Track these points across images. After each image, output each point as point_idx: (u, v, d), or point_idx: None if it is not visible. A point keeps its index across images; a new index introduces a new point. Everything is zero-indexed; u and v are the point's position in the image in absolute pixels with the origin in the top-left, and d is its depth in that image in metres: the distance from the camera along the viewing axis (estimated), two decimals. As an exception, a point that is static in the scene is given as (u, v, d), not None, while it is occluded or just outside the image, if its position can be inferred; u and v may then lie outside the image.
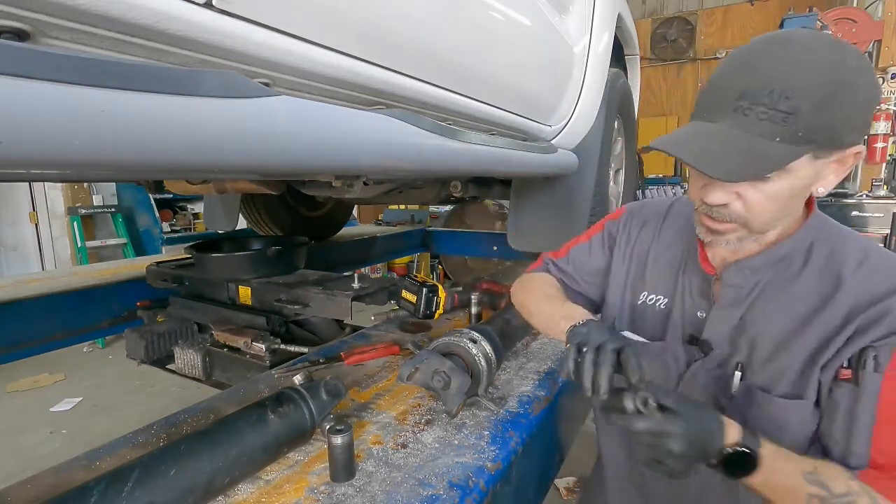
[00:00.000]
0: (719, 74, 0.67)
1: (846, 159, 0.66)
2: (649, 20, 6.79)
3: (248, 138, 0.57)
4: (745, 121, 0.62)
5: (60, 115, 0.38)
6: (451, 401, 0.89)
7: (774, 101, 0.60)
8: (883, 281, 0.67)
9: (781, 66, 0.61)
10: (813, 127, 0.60)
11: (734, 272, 0.77)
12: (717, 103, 0.65)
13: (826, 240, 0.74)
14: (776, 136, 0.60)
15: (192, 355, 1.56)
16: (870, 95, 0.63)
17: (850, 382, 0.66)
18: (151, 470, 0.62)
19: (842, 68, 0.60)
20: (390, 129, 0.82)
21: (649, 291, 0.89)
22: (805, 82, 0.59)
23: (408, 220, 5.85)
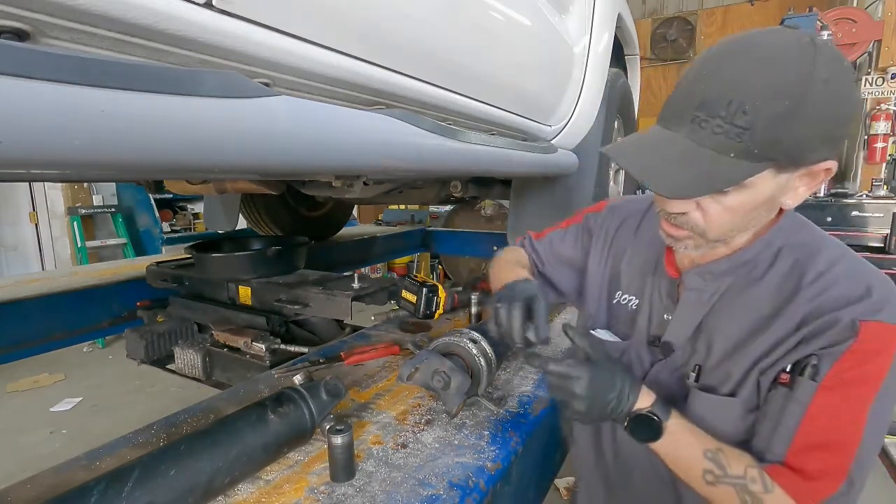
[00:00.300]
0: (684, 79, 0.64)
1: (816, 173, 0.63)
2: (649, 20, 6.79)
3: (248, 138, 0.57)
4: (701, 133, 0.59)
5: (60, 115, 0.38)
6: (451, 401, 0.89)
7: (731, 115, 0.57)
8: (839, 291, 0.65)
9: (742, 75, 0.58)
10: (770, 144, 0.57)
11: (694, 276, 0.77)
12: (677, 111, 0.63)
13: (796, 247, 0.71)
14: (730, 151, 0.58)
15: (192, 355, 1.56)
16: (840, 111, 0.58)
17: (786, 386, 0.67)
18: (151, 470, 0.62)
19: (808, 81, 0.55)
20: (390, 129, 0.82)
21: (623, 291, 0.90)
22: (764, 96, 0.56)
23: (408, 220, 5.84)
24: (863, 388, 0.63)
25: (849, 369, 0.63)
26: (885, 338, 0.62)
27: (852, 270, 0.68)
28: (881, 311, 0.63)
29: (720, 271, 0.74)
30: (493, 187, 1.94)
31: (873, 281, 0.65)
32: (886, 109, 4.34)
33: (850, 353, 0.63)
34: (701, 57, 0.63)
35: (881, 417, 0.64)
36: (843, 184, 4.79)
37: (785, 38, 0.59)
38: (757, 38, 0.60)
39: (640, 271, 0.88)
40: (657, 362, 0.82)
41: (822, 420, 0.64)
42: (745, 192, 0.62)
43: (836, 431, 0.63)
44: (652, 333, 0.84)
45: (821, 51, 0.57)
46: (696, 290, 0.77)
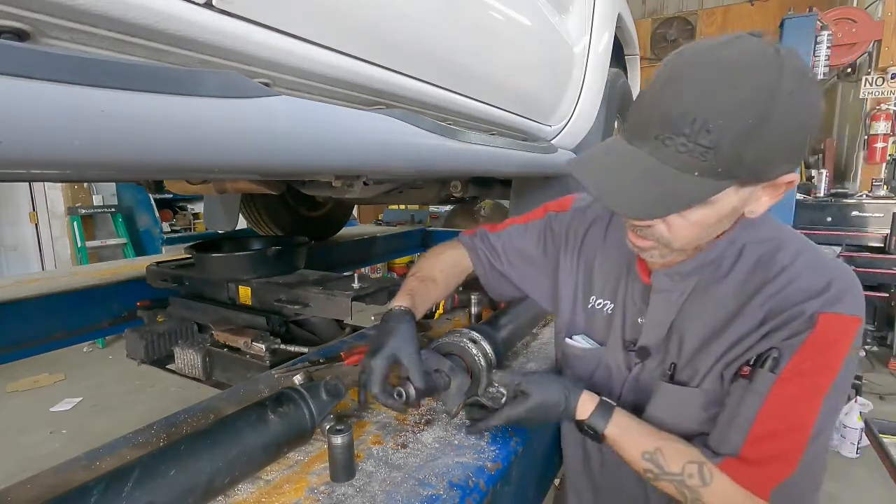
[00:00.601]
0: (648, 90, 0.63)
1: (778, 185, 0.63)
2: (649, 20, 6.79)
3: (248, 138, 0.57)
4: (664, 151, 0.58)
5: (60, 115, 0.38)
6: (451, 401, 0.89)
7: (695, 134, 0.56)
8: (801, 285, 0.67)
9: (706, 92, 0.56)
10: (733, 163, 0.57)
11: (663, 278, 0.77)
12: (641, 125, 0.62)
13: (759, 243, 0.72)
14: (694, 170, 0.57)
15: (192, 355, 1.56)
16: (804, 122, 0.58)
17: (746, 379, 0.69)
18: (151, 470, 0.62)
19: (772, 95, 0.54)
20: (390, 129, 0.82)
21: (597, 296, 0.90)
22: (728, 114, 0.55)
23: (408, 220, 5.85)
24: (819, 377, 0.65)
25: (806, 360, 0.64)
26: (842, 328, 0.64)
27: (813, 264, 0.69)
28: (839, 303, 0.64)
29: (687, 271, 0.75)
30: (493, 187, 1.94)
31: (834, 273, 0.67)
32: (886, 109, 4.34)
33: (808, 345, 0.64)
34: (665, 68, 0.61)
35: (835, 405, 0.66)
36: (843, 184, 4.80)
37: (749, 48, 0.57)
38: (721, 51, 0.58)
39: (613, 275, 0.88)
40: (635, 366, 0.83)
41: (778, 410, 0.66)
42: (708, 207, 0.62)
43: (790, 420, 0.65)
44: (627, 338, 0.85)
45: (786, 61, 0.56)
46: (665, 292, 0.78)
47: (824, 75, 3.91)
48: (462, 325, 1.42)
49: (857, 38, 4.31)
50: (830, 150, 4.95)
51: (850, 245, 3.92)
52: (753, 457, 0.67)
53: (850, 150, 4.88)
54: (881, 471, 2.10)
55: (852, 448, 2.69)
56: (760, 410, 0.66)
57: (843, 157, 5.01)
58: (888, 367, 3.77)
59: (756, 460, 0.66)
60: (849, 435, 2.69)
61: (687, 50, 0.61)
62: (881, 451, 1.64)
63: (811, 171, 4.63)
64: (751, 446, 0.67)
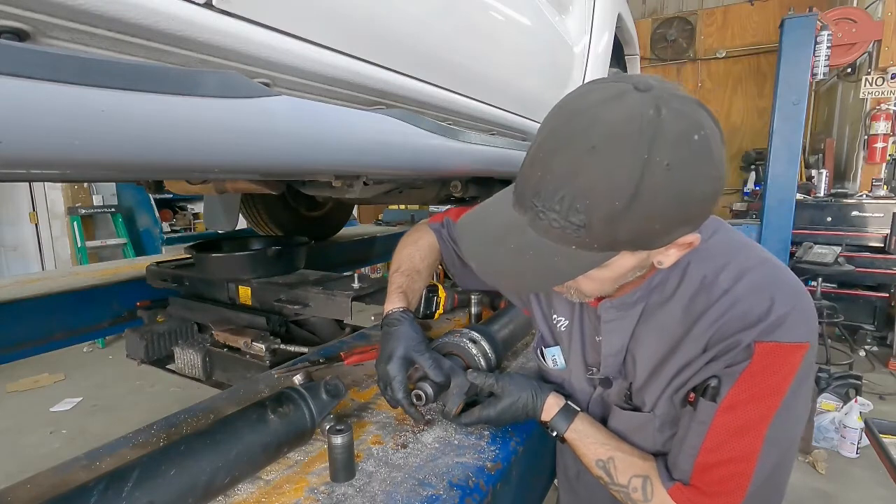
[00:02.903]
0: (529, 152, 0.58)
1: (681, 244, 0.60)
2: (649, 20, 6.79)
3: (248, 138, 0.57)
4: (540, 224, 0.56)
5: (60, 115, 0.38)
6: (451, 401, 0.89)
7: (565, 211, 0.53)
8: (740, 311, 0.64)
9: (573, 168, 0.52)
10: (608, 240, 0.54)
11: (609, 309, 0.76)
12: (521, 191, 0.59)
13: (704, 259, 0.68)
14: (571, 244, 0.55)
15: (192, 355, 1.56)
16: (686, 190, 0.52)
17: (692, 405, 0.69)
18: (151, 470, 0.62)
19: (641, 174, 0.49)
20: (390, 129, 0.82)
21: (555, 312, 0.91)
22: (595, 195, 0.51)
23: (408, 220, 5.83)
24: (759, 407, 0.64)
25: (745, 390, 0.63)
26: (780, 357, 0.62)
27: (757, 285, 0.65)
28: (777, 330, 0.62)
29: (632, 301, 0.74)
30: (493, 187, 1.94)
31: (777, 295, 0.63)
32: (886, 109, 4.34)
33: (746, 375, 0.63)
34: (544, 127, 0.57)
35: (781, 434, 0.65)
36: (843, 184, 4.79)
37: (626, 113, 0.51)
38: (596, 114, 0.52)
39: None
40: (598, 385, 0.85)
41: (722, 440, 0.65)
42: (604, 269, 0.60)
43: (735, 449, 0.65)
44: (589, 362, 0.85)
45: (666, 127, 0.50)
46: (614, 321, 0.77)
47: (824, 75, 3.90)
48: (462, 325, 1.42)
49: (857, 38, 4.31)
50: (830, 150, 4.94)
51: (850, 245, 3.92)
52: (702, 486, 0.67)
53: (850, 150, 4.88)
54: (881, 471, 2.10)
55: (852, 448, 2.69)
56: (705, 440, 0.66)
57: (843, 157, 5.01)
58: (888, 367, 3.77)
59: (705, 490, 0.67)
60: (849, 435, 2.69)
61: (563, 110, 0.56)
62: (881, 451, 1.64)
63: (811, 171, 4.63)
64: (699, 475, 0.68)
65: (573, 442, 0.81)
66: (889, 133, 4.35)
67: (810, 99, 5.08)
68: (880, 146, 4.37)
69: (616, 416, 0.81)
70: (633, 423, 0.78)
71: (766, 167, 3.22)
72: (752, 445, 0.64)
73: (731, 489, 0.66)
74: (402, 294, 0.96)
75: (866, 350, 3.99)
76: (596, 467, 0.77)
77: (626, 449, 0.77)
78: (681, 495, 0.69)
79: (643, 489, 0.71)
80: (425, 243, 1.06)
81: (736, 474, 0.66)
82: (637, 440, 0.78)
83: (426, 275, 1.04)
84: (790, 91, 3.05)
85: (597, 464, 0.77)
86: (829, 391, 3.00)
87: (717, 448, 0.66)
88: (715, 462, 0.66)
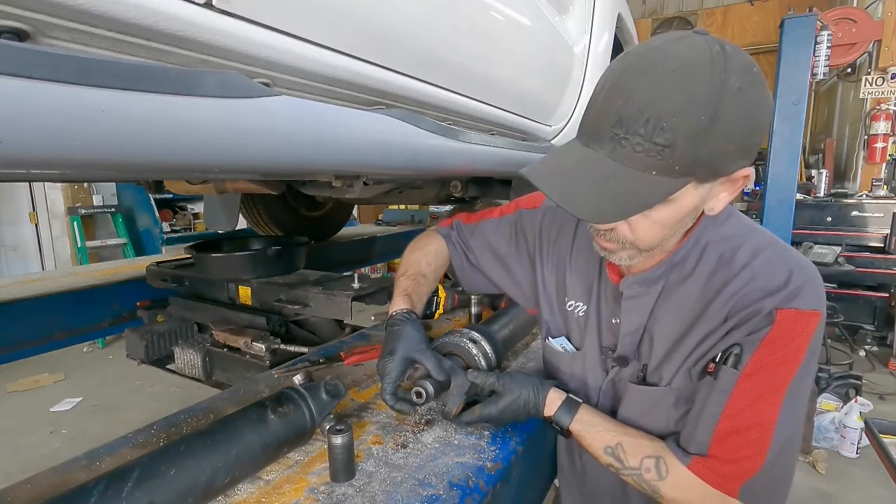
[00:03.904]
0: (598, 93, 0.62)
1: (736, 180, 0.64)
2: (649, 20, 6.79)
3: (248, 138, 0.57)
4: (622, 152, 0.58)
5: (60, 115, 0.38)
6: (451, 401, 0.89)
7: (650, 133, 0.55)
8: (761, 282, 0.67)
9: (657, 90, 0.56)
10: (690, 160, 0.57)
11: (632, 285, 0.78)
12: (595, 128, 0.61)
13: (721, 241, 0.72)
14: (652, 169, 0.57)
15: (192, 355, 1.56)
16: (754, 119, 0.58)
17: (711, 375, 0.70)
18: (151, 470, 0.62)
19: (722, 92, 0.54)
20: (390, 129, 0.82)
21: (570, 298, 0.91)
22: (680, 112, 0.55)
23: (408, 220, 5.84)
24: (780, 372, 0.66)
25: (767, 356, 0.65)
26: (800, 323, 0.65)
27: (773, 261, 0.69)
28: (796, 298, 0.65)
29: (655, 276, 0.76)
30: (493, 187, 1.94)
31: (793, 268, 0.67)
32: (886, 109, 4.34)
33: (768, 341, 0.65)
34: (613, 70, 0.61)
35: (797, 400, 0.67)
36: (843, 184, 4.80)
37: (695, 46, 0.56)
38: (668, 49, 0.58)
39: (585, 277, 0.89)
40: (611, 369, 0.84)
41: (742, 406, 0.66)
42: (669, 206, 0.62)
43: (754, 416, 0.66)
44: (604, 343, 0.85)
45: (732, 59, 0.55)
46: (635, 298, 0.78)
47: (824, 75, 3.90)
48: (462, 325, 1.42)
49: (857, 38, 4.31)
50: (830, 150, 4.94)
51: (850, 245, 3.92)
52: (721, 455, 0.68)
53: (850, 150, 4.88)
54: (881, 471, 2.10)
55: (852, 448, 2.68)
56: (725, 407, 0.67)
57: (843, 157, 5.01)
58: (888, 367, 3.77)
59: (724, 458, 0.67)
60: (849, 435, 2.68)
61: (633, 52, 0.60)
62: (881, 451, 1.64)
63: (811, 171, 4.63)
64: (718, 444, 0.68)
65: (578, 433, 0.80)
66: (889, 133, 4.36)
67: (810, 99, 5.08)
68: (880, 146, 4.37)
69: (631, 393, 0.80)
70: (647, 399, 0.77)
71: (766, 167, 3.22)
72: (771, 412, 0.66)
73: (750, 454, 0.66)
74: (406, 297, 0.96)
75: (866, 350, 3.99)
76: (605, 455, 0.76)
77: (633, 433, 0.77)
78: (701, 467, 0.68)
79: (656, 469, 0.71)
80: (433, 249, 1.07)
81: (755, 440, 0.66)
82: (648, 421, 0.78)
83: (432, 279, 1.04)
84: (790, 91, 3.05)
85: (605, 451, 0.76)
86: (829, 391, 3.00)
87: (737, 415, 0.66)
88: (734, 429, 0.67)
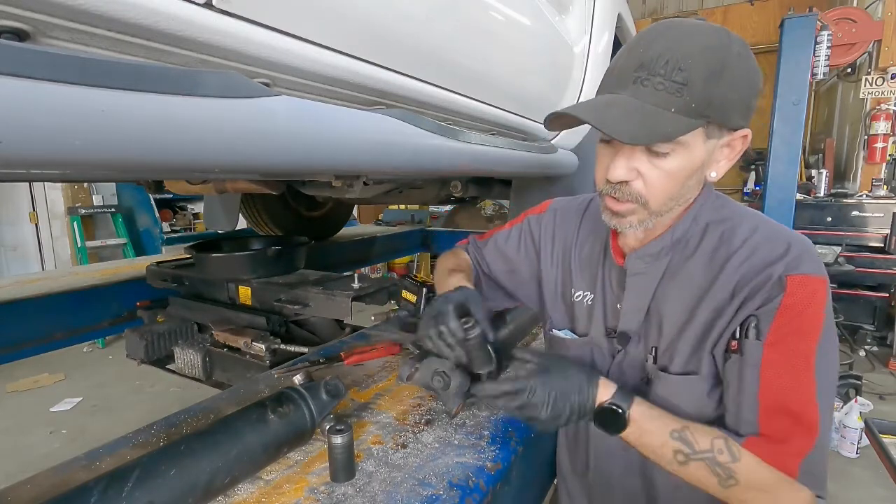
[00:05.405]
0: (620, 55, 0.70)
1: (735, 143, 0.70)
2: (649, 20, 6.79)
3: (248, 138, 0.57)
4: (644, 91, 0.64)
5: (60, 115, 0.38)
6: (451, 401, 0.89)
7: (669, 72, 0.62)
8: (763, 253, 0.70)
9: (675, 40, 0.64)
10: (705, 99, 0.63)
11: (635, 261, 0.79)
12: (618, 77, 0.67)
13: (720, 221, 0.76)
14: (671, 106, 0.63)
15: (192, 355, 1.56)
16: (752, 81, 0.66)
17: (737, 353, 0.70)
18: (151, 470, 0.62)
19: (726, 51, 0.64)
20: (390, 129, 0.82)
21: (576, 288, 0.91)
22: (696, 56, 0.62)
23: (408, 220, 5.84)
24: (803, 338, 0.66)
25: (786, 323, 0.66)
26: (811, 287, 0.67)
27: (771, 233, 0.73)
28: (801, 265, 0.68)
29: (657, 251, 0.78)
30: (493, 187, 1.94)
31: (791, 239, 0.71)
32: (886, 109, 4.34)
33: (784, 308, 0.67)
34: (633, 38, 0.70)
35: (828, 368, 0.67)
36: (843, 184, 4.79)
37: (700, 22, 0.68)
38: (682, 20, 0.68)
39: (590, 265, 0.90)
40: (617, 353, 0.84)
41: (776, 375, 0.67)
42: (681, 154, 0.67)
43: (794, 386, 0.66)
44: (608, 325, 0.85)
45: (730, 33, 0.66)
46: (639, 275, 0.80)
47: (824, 75, 3.90)
48: (462, 325, 1.42)
49: (857, 38, 4.31)
50: (830, 150, 4.94)
51: (850, 245, 3.92)
52: (773, 433, 0.67)
53: (850, 150, 4.88)
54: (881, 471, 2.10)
55: (852, 448, 2.68)
56: (760, 382, 0.67)
57: (843, 157, 5.00)
58: (888, 367, 3.77)
59: (777, 437, 0.66)
60: (849, 435, 2.68)
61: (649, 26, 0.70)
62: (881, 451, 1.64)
63: (811, 171, 4.63)
64: (766, 420, 0.67)
65: (639, 419, 0.72)
66: (889, 133, 4.35)
67: (810, 99, 5.08)
68: (880, 146, 4.36)
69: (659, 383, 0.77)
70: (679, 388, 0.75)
71: (766, 167, 3.22)
72: (807, 381, 0.65)
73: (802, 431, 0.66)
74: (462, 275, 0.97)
75: (866, 350, 3.99)
76: (671, 440, 0.70)
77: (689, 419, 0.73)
78: (759, 448, 0.67)
79: (728, 450, 0.68)
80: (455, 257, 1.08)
81: (802, 414, 0.66)
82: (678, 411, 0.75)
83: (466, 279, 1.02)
84: (790, 91, 3.05)
85: (672, 435, 0.70)
86: (829, 391, 2.99)
87: (775, 387, 0.66)
88: (777, 404, 0.66)
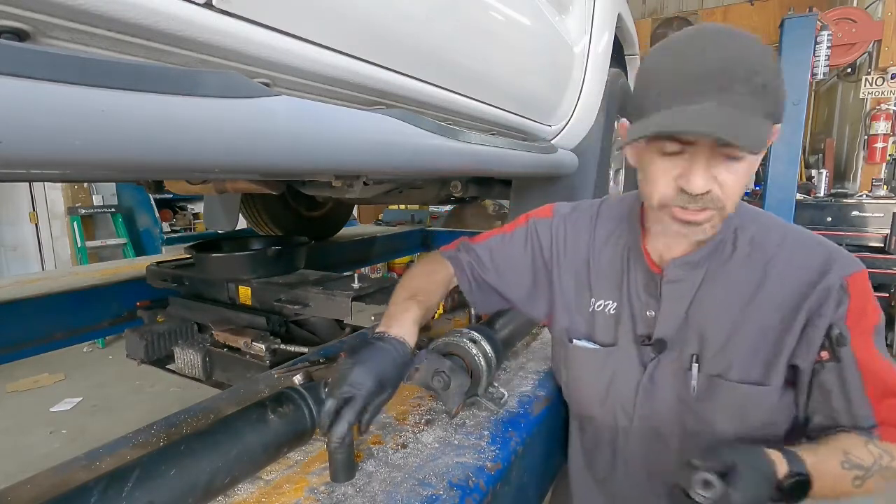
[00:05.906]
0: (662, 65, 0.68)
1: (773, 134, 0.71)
2: (649, 20, 6.78)
3: (248, 138, 0.57)
4: (732, 98, 0.62)
5: (60, 115, 0.38)
6: (451, 401, 0.89)
7: (749, 77, 0.62)
8: (805, 259, 0.75)
9: (736, 46, 0.64)
10: (777, 102, 0.65)
11: (675, 269, 0.79)
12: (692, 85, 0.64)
13: (746, 224, 0.79)
14: (758, 111, 0.63)
15: (192, 355, 1.56)
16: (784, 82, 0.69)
17: (832, 361, 0.73)
18: (151, 470, 0.62)
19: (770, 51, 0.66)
20: (390, 129, 0.82)
21: (596, 298, 0.90)
22: (761, 58, 0.63)
23: (408, 220, 5.84)
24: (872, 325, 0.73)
25: (860, 320, 0.72)
26: (863, 282, 0.74)
27: (798, 239, 0.78)
28: (846, 264, 0.74)
29: (697, 260, 0.78)
30: (493, 187, 1.94)
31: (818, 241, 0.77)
32: (886, 109, 4.34)
33: (853, 309, 0.72)
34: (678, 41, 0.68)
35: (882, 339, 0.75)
36: (843, 184, 4.79)
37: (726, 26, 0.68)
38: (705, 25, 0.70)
39: (611, 273, 0.88)
40: (650, 361, 0.83)
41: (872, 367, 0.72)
42: (751, 157, 0.68)
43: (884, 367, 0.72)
44: (639, 333, 0.84)
45: None
46: (678, 282, 0.79)
47: (824, 75, 3.90)
48: (462, 325, 1.42)
49: (857, 38, 4.31)
50: (830, 150, 4.94)
51: (850, 245, 3.91)
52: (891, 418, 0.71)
53: (850, 150, 4.88)
54: (881, 471, 2.09)
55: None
56: (863, 378, 0.72)
57: (843, 157, 5.01)
58: (888, 367, 3.77)
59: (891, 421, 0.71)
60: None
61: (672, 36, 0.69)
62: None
63: (811, 171, 4.63)
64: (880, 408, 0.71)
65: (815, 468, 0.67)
66: (889, 133, 4.35)
67: (810, 99, 5.08)
68: (880, 146, 4.36)
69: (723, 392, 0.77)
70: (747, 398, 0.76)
71: (766, 167, 3.22)
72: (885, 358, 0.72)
73: None
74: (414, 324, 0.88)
75: (866, 350, 3.98)
76: (843, 469, 0.68)
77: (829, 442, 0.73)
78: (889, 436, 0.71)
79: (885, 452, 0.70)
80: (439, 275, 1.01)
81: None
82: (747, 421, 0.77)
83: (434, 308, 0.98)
84: (790, 91, 3.05)
85: (843, 465, 0.68)
86: (829, 391, 2.99)
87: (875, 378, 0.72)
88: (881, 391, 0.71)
